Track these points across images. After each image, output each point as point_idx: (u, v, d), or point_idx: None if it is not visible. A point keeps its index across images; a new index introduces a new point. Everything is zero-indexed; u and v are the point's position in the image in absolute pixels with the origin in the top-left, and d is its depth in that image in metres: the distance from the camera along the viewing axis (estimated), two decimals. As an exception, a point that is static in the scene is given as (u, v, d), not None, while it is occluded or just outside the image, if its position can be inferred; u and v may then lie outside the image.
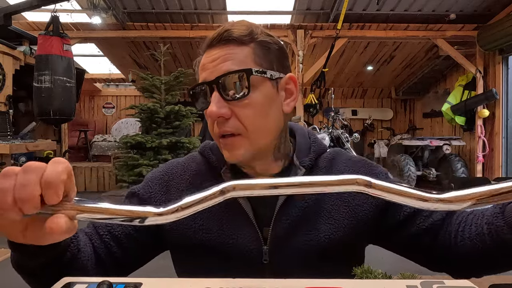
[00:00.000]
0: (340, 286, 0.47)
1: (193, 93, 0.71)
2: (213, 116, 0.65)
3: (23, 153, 5.38)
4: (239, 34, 0.67)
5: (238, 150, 0.67)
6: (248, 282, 0.49)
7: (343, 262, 0.62)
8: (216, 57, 0.67)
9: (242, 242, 0.69)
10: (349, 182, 0.41)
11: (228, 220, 0.70)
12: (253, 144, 0.68)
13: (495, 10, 5.73)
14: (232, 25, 0.69)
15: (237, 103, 0.65)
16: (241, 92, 0.65)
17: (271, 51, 0.69)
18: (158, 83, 5.04)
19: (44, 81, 4.68)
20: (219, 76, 0.65)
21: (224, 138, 0.68)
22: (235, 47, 0.67)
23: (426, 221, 0.71)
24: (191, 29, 6.16)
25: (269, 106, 0.69)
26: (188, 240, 0.71)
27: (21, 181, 0.39)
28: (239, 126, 0.66)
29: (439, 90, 7.97)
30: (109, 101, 9.68)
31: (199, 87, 0.69)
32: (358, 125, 9.26)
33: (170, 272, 0.77)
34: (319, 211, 0.71)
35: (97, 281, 0.48)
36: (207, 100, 0.67)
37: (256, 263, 0.68)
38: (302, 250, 0.68)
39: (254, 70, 0.65)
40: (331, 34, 6.06)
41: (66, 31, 5.12)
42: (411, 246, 0.73)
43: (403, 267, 0.67)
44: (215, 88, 0.65)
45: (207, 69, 0.67)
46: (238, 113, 0.66)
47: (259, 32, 0.69)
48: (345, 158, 0.79)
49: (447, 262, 0.71)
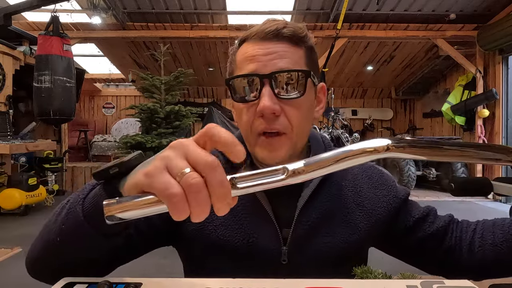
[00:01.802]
0: (340, 286, 0.48)
1: (233, 83, 0.66)
2: (266, 111, 0.62)
3: (23, 153, 5.37)
4: (296, 33, 0.66)
5: (280, 150, 0.66)
6: (248, 282, 0.49)
7: (357, 264, 0.63)
8: (270, 51, 0.65)
9: (262, 241, 0.68)
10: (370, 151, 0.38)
11: (249, 219, 0.70)
12: (294, 145, 0.67)
13: (495, 10, 5.73)
14: (286, 23, 0.67)
15: (289, 102, 0.64)
16: (296, 92, 0.64)
17: (315, 57, 0.71)
18: (158, 83, 5.04)
19: (44, 81, 4.68)
20: (276, 72, 0.63)
21: (268, 137, 0.65)
22: (290, 47, 0.66)
23: (432, 226, 0.73)
24: (191, 29, 6.16)
25: (311, 111, 0.70)
26: (206, 236, 0.70)
27: (218, 178, 0.36)
28: (287, 125, 0.65)
29: (439, 90, 7.97)
30: (109, 101, 9.67)
31: (248, 77, 0.65)
32: (358, 125, 9.26)
33: (170, 272, 0.77)
34: (336, 214, 0.72)
35: (97, 281, 0.48)
36: (255, 92, 0.64)
37: (274, 263, 0.68)
38: (321, 252, 0.69)
39: (311, 73, 0.65)
40: (331, 34, 6.06)
41: (66, 31, 5.12)
42: (415, 250, 0.75)
43: (403, 267, 0.67)
44: (268, 83, 0.63)
45: (259, 61, 0.64)
46: (288, 112, 0.64)
47: (310, 36, 0.69)
48: None
49: (451, 266, 0.72)
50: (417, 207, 0.77)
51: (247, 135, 0.68)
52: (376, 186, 0.77)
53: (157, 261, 0.82)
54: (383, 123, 9.27)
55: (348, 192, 0.74)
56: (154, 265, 2.33)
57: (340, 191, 0.74)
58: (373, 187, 0.76)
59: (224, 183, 0.36)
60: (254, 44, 0.66)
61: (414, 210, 0.76)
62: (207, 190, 0.36)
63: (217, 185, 0.36)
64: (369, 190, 0.76)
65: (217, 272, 0.51)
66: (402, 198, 0.76)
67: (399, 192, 0.77)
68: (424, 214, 0.75)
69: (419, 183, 6.35)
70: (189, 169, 0.36)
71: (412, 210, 0.75)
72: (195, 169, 0.36)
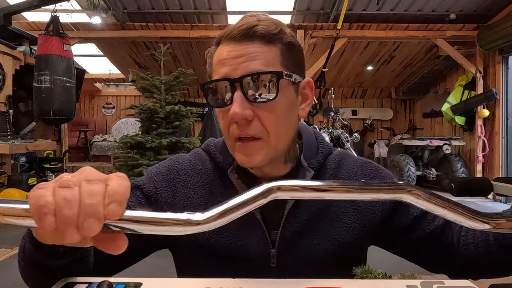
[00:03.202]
0: (340, 286, 0.47)
1: (208, 88, 0.65)
2: (236, 118, 0.60)
3: (23, 153, 5.37)
4: (268, 31, 0.62)
5: (257, 155, 0.64)
6: (249, 282, 0.49)
7: (350, 265, 0.62)
8: (241, 53, 0.62)
9: (250, 244, 0.68)
10: (399, 191, 0.38)
11: (236, 222, 0.69)
12: (273, 149, 0.65)
13: (495, 10, 5.72)
14: (259, 19, 0.63)
15: (262, 105, 0.61)
16: (268, 95, 0.61)
17: (295, 53, 0.66)
18: (158, 83, 5.04)
19: (44, 81, 4.68)
20: (246, 75, 0.60)
21: (243, 142, 0.64)
22: (262, 45, 0.62)
23: (431, 224, 0.71)
24: (191, 29, 6.15)
25: (291, 111, 0.66)
26: (193, 240, 0.69)
27: (87, 191, 0.34)
28: (262, 130, 0.63)
29: (439, 90, 7.96)
30: (109, 101, 9.67)
31: (218, 82, 0.63)
32: (358, 125, 9.26)
33: (170, 272, 0.77)
34: (327, 215, 0.70)
35: (97, 281, 0.48)
36: (225, 98, 0.62)
37: (263, 266, 0.67)
38: (310, 254, 0.68)
39: (284, 73, 0.62)
40: (331, 34, 6.06)
41: (66, 31, 5.12)
42: (415, 249, 0.73)
43: (403, 267, 0.67)
44: (239, 87, 0.60)
45: (229, 64, 0.62)
46: (262, 116, 0.62)
47: (287, 32, 0.65)
48: (352, 160, 0.78)
49: (448, 264, 0.71)
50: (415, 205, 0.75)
51: (226, 140, 0.68)
52: None
53: (157, 261, 0.81)
54: (383, 123, 9.27)
55: None
56: (154, 265, 2.29)
57: None
58: None
59: (95, 196, 0.34)
60: (227, 45, 0.64)
61: (412, 208, 0.73)
62: (78, 204, 0.34)
63: (86, 195, 0.34)
64: None
65: (206, 277, 0.51)
66: None
67: None
68: (423, 211, 0.72)
69: (419, 183, 6.34)
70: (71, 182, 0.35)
71: (410, 208, 0.73)
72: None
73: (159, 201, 0.73)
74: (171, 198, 0.73)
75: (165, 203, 0.72)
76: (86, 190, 0.34)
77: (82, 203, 0.34)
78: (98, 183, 0.35)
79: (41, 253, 0.51)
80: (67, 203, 0.33)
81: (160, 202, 0.73)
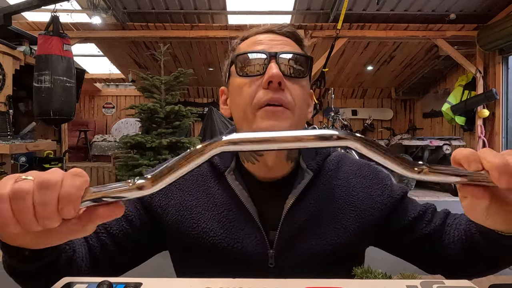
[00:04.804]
0: (340, 286, 0.47)
1: (243, 58, 0.68)
2: (274, 78, 0.63)
3: (23, 153, 5.37)
4: (297, 34, 0.73)
5: (285, 122, 0.65)
6: (249, 282, 0.49)
7: (348, 266, 0.62)
8: (278, 39, 0.70)
9: (248, 245, 0.67)
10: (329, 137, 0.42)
11: (234, 223, 0.69)
12: (295, 125, 0.67)
13: (495, 10, 5.72)
14: (283, 25, 0.74)
15: (293, 80, 0.67)
16: (300, 73, 0.68)
17: (309, 61, 0.73)
18: (158, 83, 5.04)
19: (44, 81, 4.67)
20: (283, 52, 0.67)
21: (273, 106, 0.65)
22: (292, 41, 0.72)
23: (429, 226, 0.71)
24: (191, 29, 6.15)
25: (307, 103, 0.73)
26: (190, 243, 0.69)
27: (39, 201, 0.37)
28: (291, 101, 0.66)
29: (439, 90, 7.96)
30: (109, 101, 9.67)
31: (256, 53, 0.67)
32: (358, 125, 9.25)
33: (170, 272, 0.77)
34: (326, 216, 0.70)
35: (97, 281, 0.48)
36: (261, 67, 0.66)
37: (261, 267, 0.67)
38: (308, 255, 0.68)
39: (308, 73, 0.71)
40: (331, 34, 6.06)
41: (66, 31, 5.11)
42: (412, 250, 0.73)
43: (403, 267, 0.67)
44: (274, 60, 0.65)
45: (266, 44, 0.69)
46: (292, 90, 0.66)
47: (306, 44, 0.76)
48: (350, 161, 0.78)
49: (444, 264, 0.71)
50: (414, 206, 0.75)
51: (245, 109, 0.67)
52: (370, 185, 0.75)
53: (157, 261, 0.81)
54: (383, 123, 9.27)
55: (340, 192, 0.73)
56: (154, 265, 2.29)
57: (331, 191, 0.72)
58: (367, 187, 0.74)
59: (47, 206, 0.37)
60: (262, 34, 0.72)
61: (411, 209, 0.73)
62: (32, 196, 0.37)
63: (39, 206, 0.37)
64: (362, 190, 0.74)
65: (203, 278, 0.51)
66: (398, 197, 0.74)
67: (394, 191, 0.75)
68: (420, 213, 0.73)
69: (419, 183, 6.34)
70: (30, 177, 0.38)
71: (408, 209, 0.73)
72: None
73: (153, 206, 0.73)
74: (165, 202, 0.72)
75: (159, 207, 0.73)
76: (39, 200, 0.37)
77: (36, 212, 0.37)
78: (52, 191, 0.38)
79: (13, 260, 0.51)
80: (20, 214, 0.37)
81: (154, 206, 0.73)
